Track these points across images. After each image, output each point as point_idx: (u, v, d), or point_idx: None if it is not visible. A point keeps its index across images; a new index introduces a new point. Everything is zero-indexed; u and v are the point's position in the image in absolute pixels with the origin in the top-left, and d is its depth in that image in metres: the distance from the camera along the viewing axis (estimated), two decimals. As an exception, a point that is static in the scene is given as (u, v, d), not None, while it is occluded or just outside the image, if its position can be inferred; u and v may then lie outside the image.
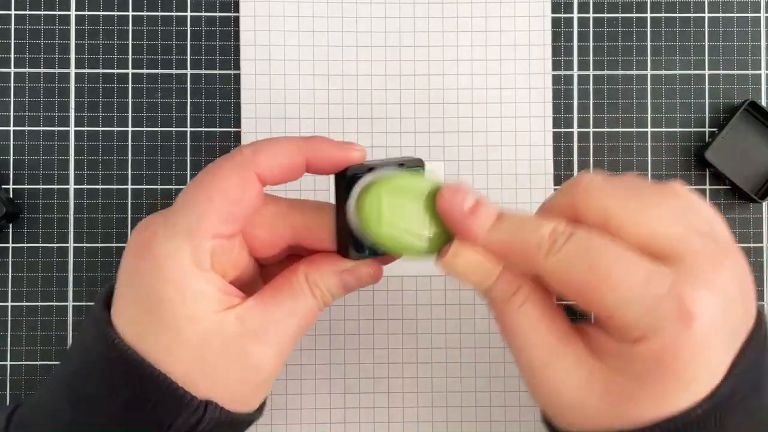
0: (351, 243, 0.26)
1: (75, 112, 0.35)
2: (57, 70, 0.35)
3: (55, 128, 0.35)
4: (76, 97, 0.35)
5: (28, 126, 0.35)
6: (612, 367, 0.23)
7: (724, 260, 0.23)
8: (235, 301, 0.25)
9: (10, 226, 0.35)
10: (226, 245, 0.25)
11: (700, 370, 0.22)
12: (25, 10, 0.35)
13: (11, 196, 0.35)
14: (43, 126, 0.35)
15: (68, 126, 0.35)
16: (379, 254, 0.27)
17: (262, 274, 0.29)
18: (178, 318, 0.24)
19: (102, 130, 0.35)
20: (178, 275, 0.24)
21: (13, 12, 0.35)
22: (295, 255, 0.28)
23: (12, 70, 0.35)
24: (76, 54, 0.35)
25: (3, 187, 0.35)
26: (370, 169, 0.26)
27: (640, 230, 0.23)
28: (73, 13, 0.35)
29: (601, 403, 0.23)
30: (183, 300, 0.24)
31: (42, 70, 0.35)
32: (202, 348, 0.24)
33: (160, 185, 0.35)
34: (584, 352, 0.24)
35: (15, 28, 0.35)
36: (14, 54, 0.35)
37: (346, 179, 0.26)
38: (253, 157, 0.25)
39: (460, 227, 0.24)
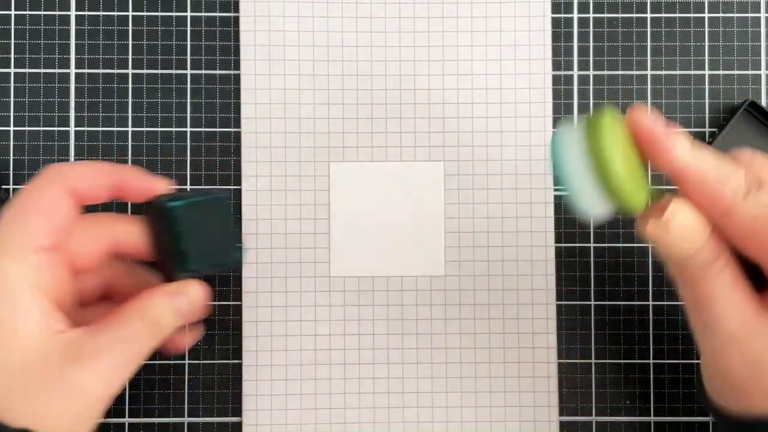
0: (174, 262, 0.28)
1: (75, 112, 0.35)
2: (57, 70, 0.35)
3: (55, 128, 0.35)
4: (76, 97, 0.35)
5: (28, 126, 0.35)
6: None
7: None
8: (60, 327, 0.25)
9: (10, 226, 0.35)
10: (48, 261, 0.26)
11: None
12: (25, 10, 0.35)
13: (11, 196, 0.35)
14: (43, 126, 0.35)
15: (68, 126, 0.35)
16: (204, 271, 0.29)
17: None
18: (2, 337, 0.24)
19: (102, 130, 0.35)
20: (8, 293, 0.24)
21: (13, 12, 0.35)
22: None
23: (12, 70, 0.35)
24: (76, 54, 0.35)
25: (3, 187, 0.35)
26: (179, 197, 0.29)
27: None
28: (73, 13, 0.35)
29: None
30: (11, 317, 0.24)
31: (42, 70, 0.35)
32: (23, 373, 0.24)
33: (160, 185, 0.35)
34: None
35: (15, 28, 0.35)
36: (14, 54, 0.35)
37: (153, 206, 0.29)
38: (65, 172, 0.27)
39: (662, 147, 0.22)
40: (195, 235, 0.29)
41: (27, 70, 0.35)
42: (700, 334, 0.24)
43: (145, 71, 0.35)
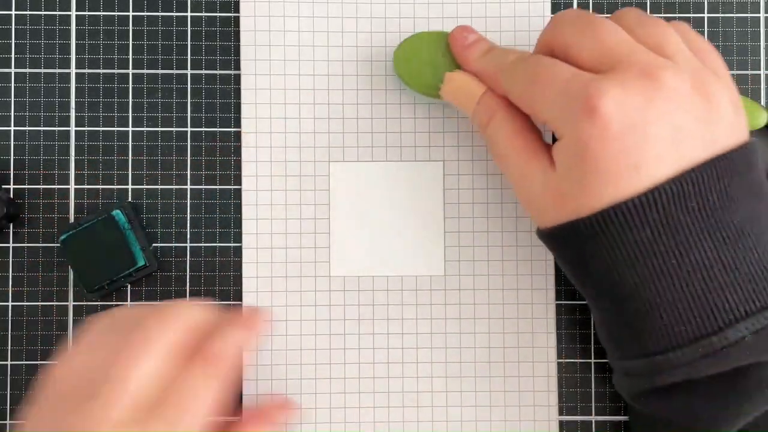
0: (82, 284, 0.33)
1: (75, 112, 0.35)
2: (57, 70, 0.35)
3: (56, 128, 0.35)
4: (76, 97, 0.35)
5: (29, 126, 0.35)
6: (559, 174, 0.27)
7: (659, 71, 0.25)
8: None
9: (10, 226, 0.35)
10: None
11: (619, 165, 0.25)
12: (26, 10, 0.35)
13: (11, 196, 0.35)
14: (44, 126, 0.35)
15: (68, 126, 0.35)
16: (108, 285, 0.34)
17: None
18: None
19: (102, 130, 0.35)
20: None
21: (13, 12, 0.35)
22: None
23: (12, 70, 0.35)
24: (76, 54, 0.35)
25: (3, 187, 0.35)
26: (71, 227, 0.33)
27: (591, 53, 0.27)
28: (73, 13, 0.35)
29: (554, 203, 0.27)
30: None
31: (42, 70, 0.35)
32: None
33: (160, 185, 0.35)
34: (548, 164, 0.28)
35: (15, 28, 0.35)
36: (15, 54, 0.35)
37: (61, 242, 0.33)
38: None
39: (460, 55, 0.32)
40: (91, 256, 0.33)
41: (27, 70, 0.35)
42: (509, 179, 0.30)
43: (145, 71, 0.35)
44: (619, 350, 0.28)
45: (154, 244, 0.35)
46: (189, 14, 0.36)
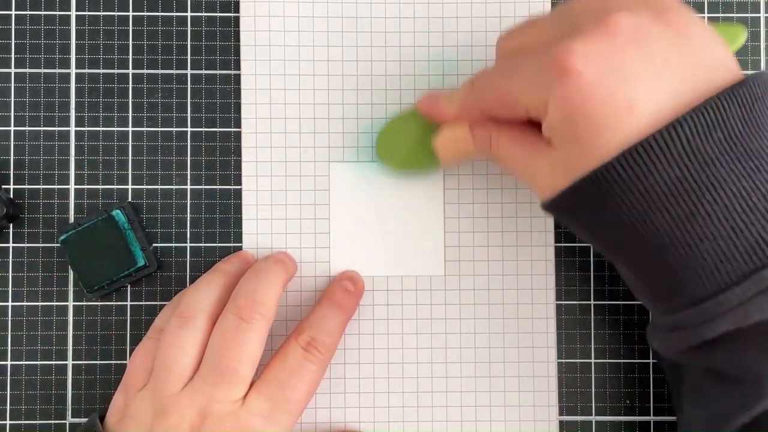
0: (82, 284, 0.34)
1: (75, 112, 0.35)
2: (57, 70, 0.35)
3: (56, 128, 0.35)
4: (76, 97, 0.35)
5: (29, 126, 0.35)
6: (559, 147, 0.27)
7: (611, 15, 0.25)
8: None
9: (10, 226, 0.35)
10: None
11: (610, 111, 0.24)
12: (26, 10, 0.35)
13: (11, 196, 0.35)
14: (44, 126, 0.35)
15: (68, 126, 0.35)
16: (108, 284, 0.34)
17: None
18: None
19: (102, 130, 0.35)
20: None
21: (13, 12, 0.35)
22: None
23: (12, 70, 0.35)
24: (76, 54, 0.35)
25: (3, 187, 0.35)
26: (71, 227, 0.33)
27: (541, 35, 0.27)
28: (73, 13, 0.35)
29: (555, 177, 0.27)
30: None
31: (42, 70, 0.35)
32: None
33: (160, 185, 0.35)
34: (546, 150, 0.28)
35: (15, 28, 0.35)
36: (14, 54, 0.35)
37: (61, 242, 0.34)
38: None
39: (436, 115, 0.32)
40: (91, 256, 0.33)
41: (27, 70, 0.35)
42: (516, 177, 0.32)
43: (145, 71, 0.35)
44: (663, 305, 0.27)
45: (154, 244, 0.35)
46: (189, 14, 0.36)
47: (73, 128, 0.35)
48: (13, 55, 0.35)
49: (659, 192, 0.24)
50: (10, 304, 0.35)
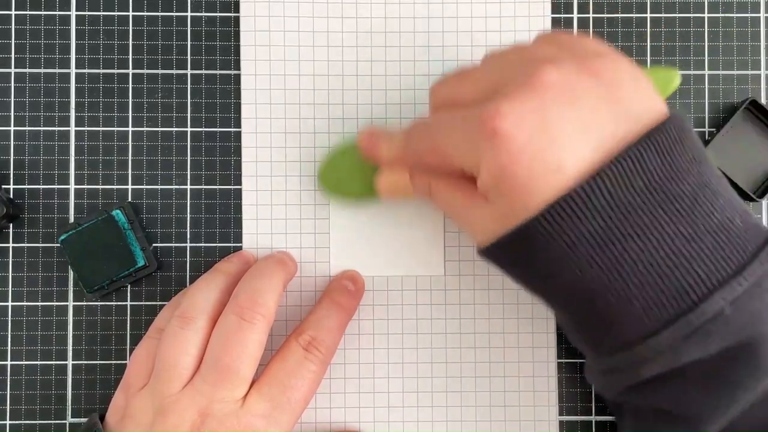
0: (82, 284, 0.34)
1: (75, 112, 0.35)
2: (57, 70, 0.35)
3: (56, 128, 0.35)
4: (76, 97, 0.35)
5: (29, 126, 0.35)
6: (492, 202, 0.27)
7: (538, 71, 0.25)
8: None
9: (10, 226, 0.35)
10: None
11: (539, 173, 0.25)
12: (26, 10, 0.35)
13: (11, 196, 0.35)
14: (44, 126, 0.35)
15: (68, 126, 0.35)
16: (108, 284, 0.34)
17: None
18: None
19: (102, 130, 0.35)
20: None
21: (13, 12, 0.35)
22: None
23: (12, 70, 0.35)
24: (76, 54, 0.35)
25: (3, 187, 0.35)
26: (71, 228, 0.34)
27: (473, 94, 0.28)
28: (73, 13, 0.35)
29: (489, 227, 0.27)
30: None
31: (42, 70, 0.35)
32: None
33: (160, 185, 0.35)
34: (481, 202, 0.28)
35: (15, 28, 0.35)
36: (14, 54, 0.35)
37: (61, 242, 0.34)
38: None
39: (373, 158, 0.32)
40: (91, 256, 0.33)
41: (27, 70, 0.35)
42: (454, 222, 0.33)
43: (145, 71, 0.35)
44: (597, 348, 0.28)
45: (154, 244, 0.35)
46: (189, 14, 0.36)
47: (73, 128, 0.35)
48: (13, 55, 0.35)
49: (585, 243, 0.25)
50: (10, 304, 0.35)
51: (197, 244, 0.35)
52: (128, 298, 0.35)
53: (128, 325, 0.35)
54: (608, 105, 0.25)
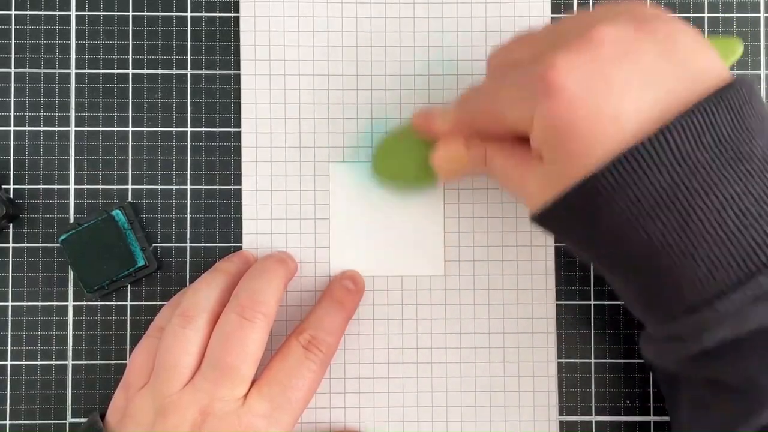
0: (82, 285, 0.34)
1: (75, 112, 0.35)
2: (57, 70, 0.35)
3: (55, 128, 0.35)
4: (76, 97, 0.35)
5: (29, 126, 0.35)
6: (547, 160, 0.27)
7: (594, 29, 0.25)
8: None
9: (10, 226, 0.35)
10: None
11: (596, 122, 0.25)
12: (25, 10, 0.35)
13: (11, 196, 0.35)
14: (44, 126, 0.35)
15: (68, 126, 0.35)
16: (108, 284, 0.34)
17: None
18: None
19: (102, 130, 0.35)
20: None
21: (13, 12, 0.35)
22: None
23: (12, 70, 0.35)
24: (76, 54, 0.35)
25: (3, 187, 0.35)
26: (71, 228, 0.34)
27: (531, 51, 0.28)
28: (73, 13, 0.35)
29: (544, 190, 0.27)
30: None
31: (42, 70, 0.35)
32: None
33: (160, 185, 0.35)
34: (536, 164, 0.28)
35: (15, 28, 0.35)
36: (14, 54, 0.35)
37: (61, 242, 0.34)
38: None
39: (430, 132, 0.32)
40: (91, 256, 0.33)
41: (27, 70, 0.35)
42: (510, 190, 0.31)
43: (145, 71, 0.35)
44: (659, 314, 0.26)
45: (154, 244, 0.35)
46: (189, 14, 0.36)
47: (73, 128, 0.35)
48: (13, 55, 0.35)
49: (650, 199, 0.24)
50: (10, 304, 0.35)
51: (197, 244, 0.35)
52: (128, 298, 0.35)
53: (128, 325, 0.35)
54: (667, 63, 0.25)
